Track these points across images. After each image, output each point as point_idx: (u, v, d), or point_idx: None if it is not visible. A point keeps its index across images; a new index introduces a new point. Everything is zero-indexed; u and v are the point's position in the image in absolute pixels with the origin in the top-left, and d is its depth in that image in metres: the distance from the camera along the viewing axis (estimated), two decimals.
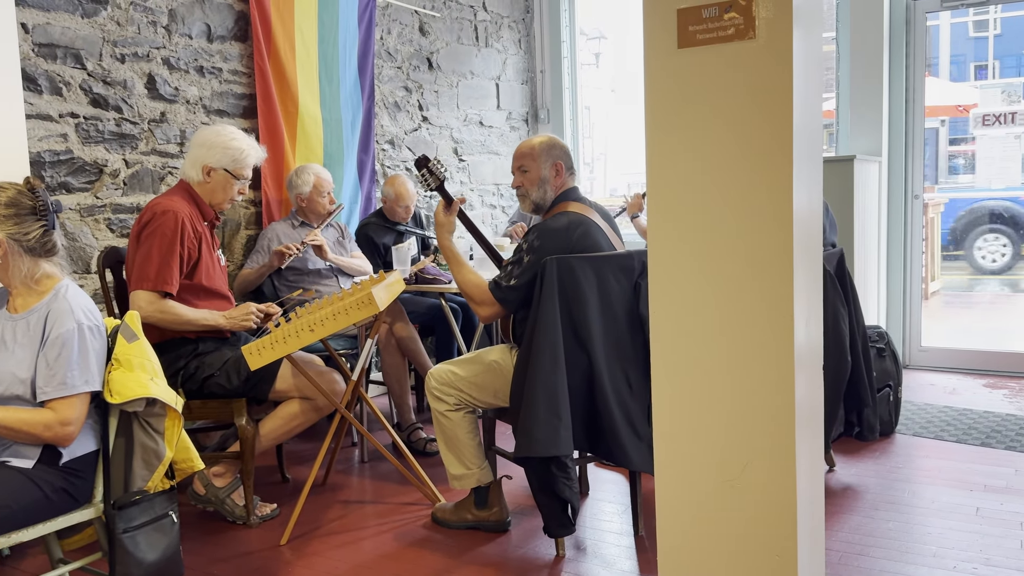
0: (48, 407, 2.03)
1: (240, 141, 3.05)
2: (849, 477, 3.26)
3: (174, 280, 2.85)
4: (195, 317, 2.90)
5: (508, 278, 2.69)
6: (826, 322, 3.01)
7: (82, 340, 2.06)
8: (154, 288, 2.81)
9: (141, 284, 2.83)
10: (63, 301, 2.08)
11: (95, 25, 3.40)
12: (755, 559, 1.72)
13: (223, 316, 2.96)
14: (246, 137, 3.09)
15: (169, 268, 2.83)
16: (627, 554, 2.70)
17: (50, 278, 2.13)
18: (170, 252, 2.83)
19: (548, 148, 2.82)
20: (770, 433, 1.67)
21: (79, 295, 2.14)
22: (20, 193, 2.09)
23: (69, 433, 2.04)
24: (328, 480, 3.45)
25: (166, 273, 2.82)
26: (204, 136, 3.03)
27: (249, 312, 2.97)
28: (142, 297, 2.82)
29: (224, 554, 2.78)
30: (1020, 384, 4.53)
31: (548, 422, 2.50)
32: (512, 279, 2.68)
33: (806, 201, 1.67)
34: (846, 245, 4.35)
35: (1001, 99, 6.76)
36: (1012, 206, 8.08)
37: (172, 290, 2.85)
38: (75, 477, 2.10)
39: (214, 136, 3.02)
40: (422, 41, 5.06)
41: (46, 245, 2.13)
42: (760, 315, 1.65)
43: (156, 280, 2.81)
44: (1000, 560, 2.51)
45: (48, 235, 2.13)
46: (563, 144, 2.87)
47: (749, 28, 1.58)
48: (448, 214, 2.87)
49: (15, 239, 2.07)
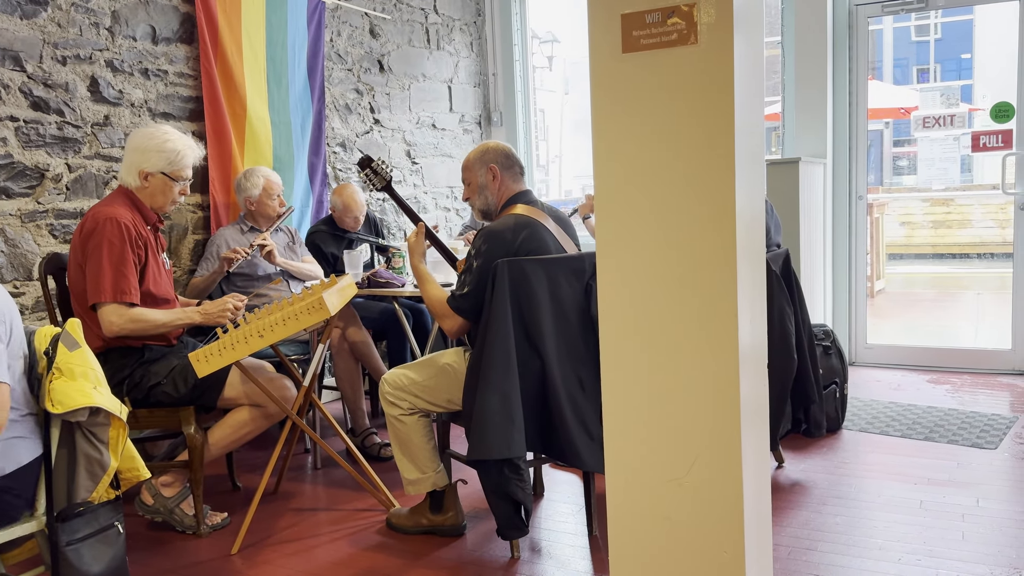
0: None
1: (175, 142, 2.96)
2: (797, 473, 3.32)
3: (132, 288, 2.79)
4: (168, 319, 2.86)
5: (461, 287, 2.70)
6: (772, 321, 3.07)
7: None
8: (114, 300, 2.75)
9: (100, 298, 2.75)
10: None
11: (35, 27, 3.32)
12: (704, 555, 1.75)
13: (198, 312, 2.92)
14: (181, 136, 3.01)
15: (124, 277, 2.77)
16: (581, 554, 2.71)
17: None
18: (122, 261, 2.77)
19: (481, 155, 2.84)
20: (716, 431, 1.70)
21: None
22: None
23: None
24: (280, 488, 3.42)
25: (122, 283, 2.76)
26: (138, 140, 2.95)
27: (226, 308, 2.92)
28: (109, 312, 2.75)
29: (173, 565, 2.73)
30: (962, 379, 4.67)
31: (501, 425, 2.51)
32: (465, 287, 2.69)
33: (748, 202, 1.71)
34: (792, 246, 4.44)
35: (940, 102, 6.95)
36: None
37: (134, 299, 2.78)
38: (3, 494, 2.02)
39: (147, 139, 2.94)
40: (373, 43, 5.03)
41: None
42: (705, 315, 1.68)
43: (114, 292, 2.75)
44: (943, 551, 2.58)
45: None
46: (501, 148, 2.86)
47: (691, 33, 1.61)
48: (417, 238, 2.93)
49: None
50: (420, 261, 2.93)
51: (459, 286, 2.72)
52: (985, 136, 4.69)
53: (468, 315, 2.71)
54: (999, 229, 9.75)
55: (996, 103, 4.69)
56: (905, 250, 10.50)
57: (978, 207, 10.00)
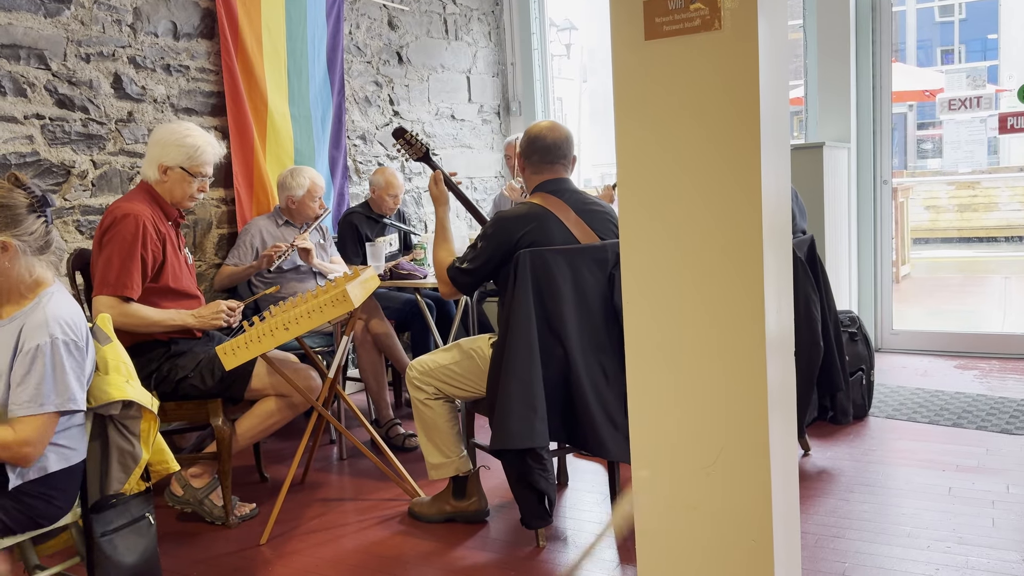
0: (11, 424, 1.90)
1: (195, 138, 2.98)
2: (824, 460, 3.30)
3: (135, 284, 2.82)
4: (160, 318, 2.88)
5: (463, 260, 2.73)
6: (798, 308, 3.05)
7: (55, 356, 1.91)
8: (114, 292, 2.79)
9: (102, 289, 2.80)
10: (40, 312, 1.96)
11: (58, 25, 3.35)
12: (732, 544, 1.74)
13: (191, 315, 2.93)
14: (203, 133, 3.04)
15: (129, 272, 2.80)
16: (607, 543, 2.72)
17: (39, 284, 2.01)
18: (130, 256, 2.80)
19: (520, 143, 2.86)
20: (743, 419, 1.69)
21: (62, 305, 1.99)
22: (10, 191, 1.97)
23: (26, 455, 1.90)
24: (307, 478, 3.45)
25: (125, 278, 2.79)
26: (159, 134, 2.99)
27: (219, 311, 2.95)
28: (103, 302, 2.79)
29: (203, 555, 2.77)
30: (990, 365, 4.61)
31: (523, 415, 2.51)
32: (465, 262, 2.72)
33: (774, 188, 1.69)
34: (817, 231, 4.40)
35: (967, 83, 6.84)
36: None
37: (133, 294, 2.81)
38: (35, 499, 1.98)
39: (168, 134, 2.97)
40: (391, 35, 5.04)
41: (49, 242, 2.03)
42: (731, 302, 1.67)
43: (116, 284, 2.79)
44: (972, 538, 2.56)
45: (49, 231, 2.03)
46: (531, 134, 2.79)
47: (715, 19, 1.59)
48: (438, 185, 2.94)
49: (22, 239, 1.96)
50: (445, 213, 2.94)
51: (462, 258, 2.74)
52: (1012, 117, 4.62)
53: (460, 287, 2.76)
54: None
55: (1023, 84, 4.62)
56: (930, 234, 10.38)
57: (1005, 189, 9.86)
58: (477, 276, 2.71)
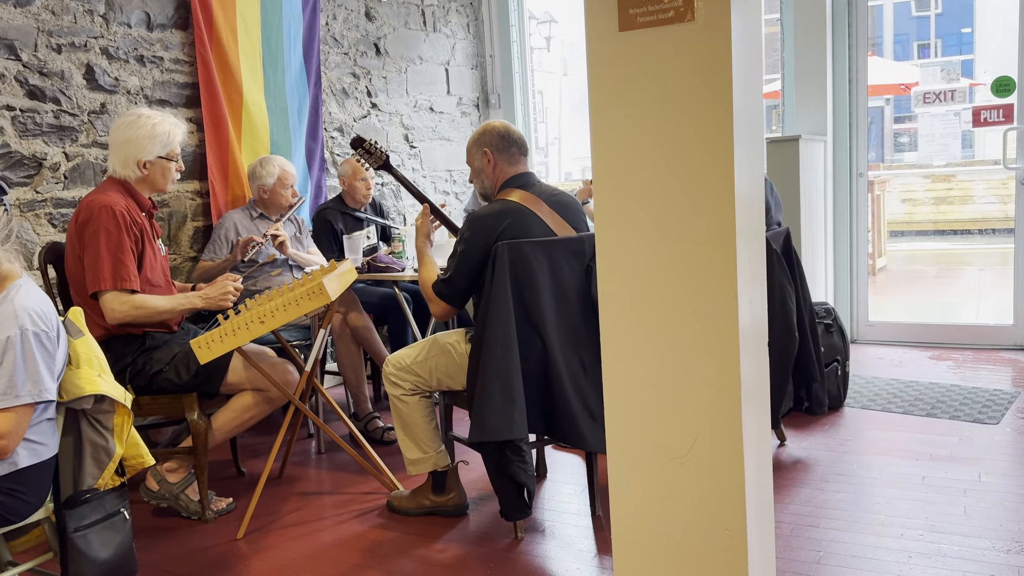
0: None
1: (162, 123, 2.94)
2: (799, 451, 3.33)
3: (131, 275, 2.79)
4: (170, 305, 2.87)
5: (446, 271, 2.72)
6: (773, 300, 3.07)
7: (25, 347, 1.91)
8: (114, 287, 2.76)
9: (100, 286, 2.76)
10: (9, 304, 1.94)
11: (29, 15, 3.31)
12: (706, 534, 1.75)
13: (199, 296, 2.92)
14: (164, 116, 2.99)
15: (123, 264, 2.77)
16: (585, 534, 2.73)
17: (8, 277, 1.99)
18: (120, 248, 2.77)
19: (478, 137, 2.83)
20: (717, 410, 1.70)
21: (30, 297, 1.98)
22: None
23: (1, 447, 1.89)
24: (284, 472, 3.43)
25: (121, 270, 2.77)
26: (125, 133, 2.91)
27: (227, 291, 2.92)
28: (110, 300, 2.76)
29: (179, 550, 2.75)
30: (964, 355, 4.67)
31: (502, 407, 2.52)
32: (449, 272, 2.70)
33: (748, 181, 1.70)
34: (793, 224, 4.43)
35: (941, 77, 6.91)
36: None
37: (134, 285, 2.79)
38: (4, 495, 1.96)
39: (135, 129, 2.90)
40: (368, 26, 5.01)
41: (11, 231, 1.99)
42: (705, 293, 1.67)
43: (114, 279, 2.76)
44: (945, 526, 2.59)
45: (10, 219, 2.00)
46: (498, 129, 2.80)
47: (688, 10, 1.60)
48: (424, 218, 2.95)
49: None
50: (424, 242, 2.93)
51: (445, 270, 2.74)
52: (986, 111, 4.67)
53: (449, 300, 2.74)
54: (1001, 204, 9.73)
55: (997, 77, 4.67)
56: (907, 227, 10.48)
57: (979, 182, 9.97)
58: (464, 284, 2.69)
